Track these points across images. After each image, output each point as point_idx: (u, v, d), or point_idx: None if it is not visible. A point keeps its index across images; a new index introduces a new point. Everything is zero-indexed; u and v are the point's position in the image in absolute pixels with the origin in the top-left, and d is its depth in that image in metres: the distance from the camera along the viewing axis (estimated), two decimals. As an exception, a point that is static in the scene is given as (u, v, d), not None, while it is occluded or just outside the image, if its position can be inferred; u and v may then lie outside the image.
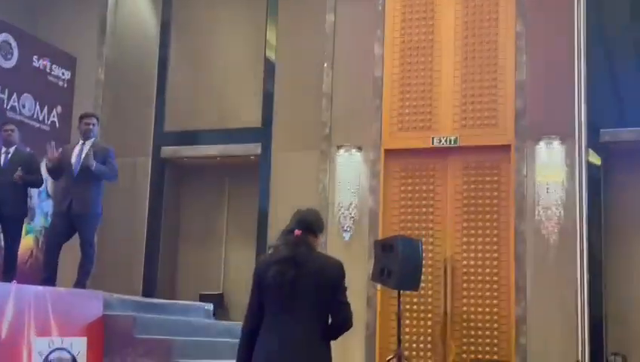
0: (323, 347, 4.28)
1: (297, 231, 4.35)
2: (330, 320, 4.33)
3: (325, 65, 10.60)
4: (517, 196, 9.61)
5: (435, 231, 9.93)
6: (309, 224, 4.43)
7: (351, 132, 10.34)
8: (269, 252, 4.45)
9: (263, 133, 10.93)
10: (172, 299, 10.42)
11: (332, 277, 4.30)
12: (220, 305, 10.67)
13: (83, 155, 8.13)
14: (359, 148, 10.36)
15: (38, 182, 8.58)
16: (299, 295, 4.21)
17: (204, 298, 10.51)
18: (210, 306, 8.55)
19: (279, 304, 4.26)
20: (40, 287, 6.63)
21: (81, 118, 8.45)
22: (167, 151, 11.51)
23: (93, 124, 8.26)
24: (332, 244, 9.83)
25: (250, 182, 10.96)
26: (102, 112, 11.25)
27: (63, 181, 8.26)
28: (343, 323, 4.36)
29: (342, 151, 10.41)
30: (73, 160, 8.16)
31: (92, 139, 8.27)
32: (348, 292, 4.40)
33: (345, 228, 10.20)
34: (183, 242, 11.67)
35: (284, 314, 4.23)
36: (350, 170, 10.26)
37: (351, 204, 10.17)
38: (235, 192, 11.61)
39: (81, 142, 8.31)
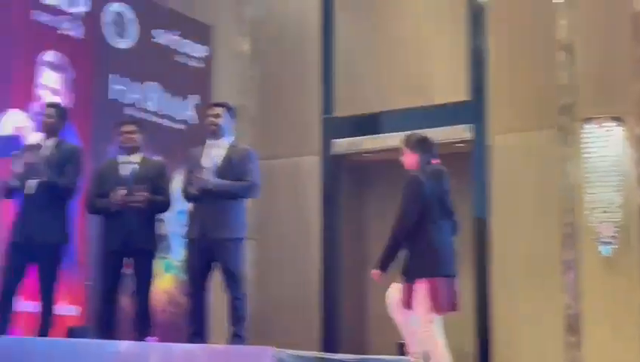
0: None
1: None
2: None
3: (558, 1, 8.80)
4: None
5: None
6: None
7: (603, 97, 8.54)
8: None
9: (473, 110, 9.35)
10: (362, 351, 9.36)
11: None
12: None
13: (217, 162, 6.98)
14: (618, 120, 8.42)
15: (164, 205, 7.35)
16: None
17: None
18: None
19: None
20: (189, 345, 6.39)
21: (205, 109, 7.49)
22: (341, 145, 10.18)
23: (222, 116, 7.12)
24: (585, 260, 8.33)
25: (459, 179, 9.29)
26: (248, 98, 10.22)
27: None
28: None
29: (591, 125, 8.51)
30: (204, 171, 6.97)
31: (225, 139, 7.11)
32: None
33: (603, 238, 8.38)
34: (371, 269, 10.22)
35: None
36: (606, 154, 8.42)
37: (611, 203, 8.32)
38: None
39: (210, 142, 7.13)
